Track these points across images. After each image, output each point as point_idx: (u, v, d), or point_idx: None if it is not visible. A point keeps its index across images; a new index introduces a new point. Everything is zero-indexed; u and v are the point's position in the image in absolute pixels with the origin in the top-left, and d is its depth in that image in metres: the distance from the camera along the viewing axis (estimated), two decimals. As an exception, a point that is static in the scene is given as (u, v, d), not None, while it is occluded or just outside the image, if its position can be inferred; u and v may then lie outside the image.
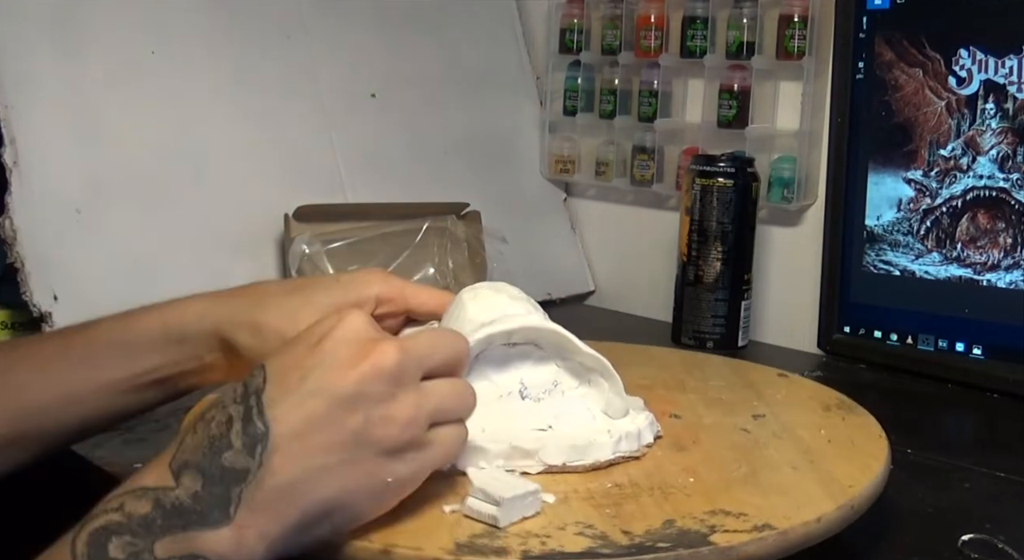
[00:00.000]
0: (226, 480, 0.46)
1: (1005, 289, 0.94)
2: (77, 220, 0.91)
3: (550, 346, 0.62)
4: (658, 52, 1.14)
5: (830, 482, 0.59)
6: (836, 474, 0.60)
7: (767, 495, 0.57)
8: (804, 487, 0.59)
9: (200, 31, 1.02)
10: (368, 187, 1.10)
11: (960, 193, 0.96)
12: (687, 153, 1.13)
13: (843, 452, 0.65)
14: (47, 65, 0.92)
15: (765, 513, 0.55)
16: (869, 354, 1.02)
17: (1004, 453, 0.79)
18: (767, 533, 0.53)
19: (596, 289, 1.27)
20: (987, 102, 0.93)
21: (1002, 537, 0.61)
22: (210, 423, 0.48)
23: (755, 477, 0.61)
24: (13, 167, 0.87)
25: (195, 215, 0.98)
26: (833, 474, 0.60)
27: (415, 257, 1.06)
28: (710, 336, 1.02)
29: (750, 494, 0.58)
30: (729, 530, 0.53)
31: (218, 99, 1.02)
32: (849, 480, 0.59)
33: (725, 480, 0.60)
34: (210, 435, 0.47)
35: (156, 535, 0.44)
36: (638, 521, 0.54)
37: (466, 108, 1.21)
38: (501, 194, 1.21)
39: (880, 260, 1.01)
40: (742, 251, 1.02)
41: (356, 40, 1.13)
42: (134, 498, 0.45)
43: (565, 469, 0.59)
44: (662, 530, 0.53)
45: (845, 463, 0.62)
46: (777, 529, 0.53)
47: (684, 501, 0.57)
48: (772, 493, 0.58)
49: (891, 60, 0.99)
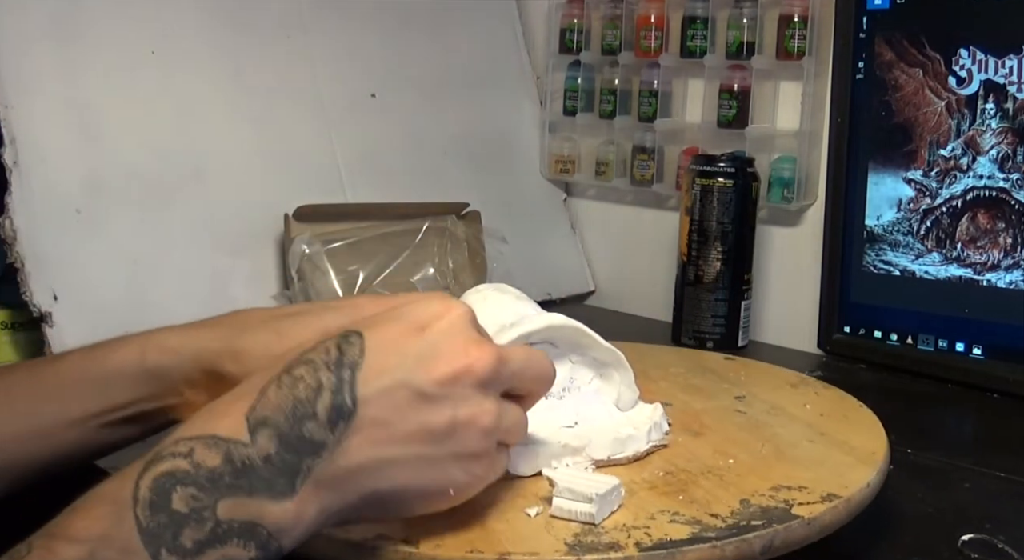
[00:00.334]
0: (301, 450, 0.45)
1: (1005, 289, 0.94)
2: (77, 220, 0.91)
3: (566, 343, 0.64)
4: (658, 52, 1.14)
5: (852, 450, 0.63)
6: (853, 443, 0.64)
7: (808, 468, 0.60)
8: (834, 457, 0.62)
9: (200, 31, 1.02)
10: (368, 187, 1.10)
11: (960, 193, 0.96)
12: (687, 153, 1.13)
13: (842, 422, 0.68)
14: (47, 65, 0.92)
15: (821, 484, 0.58)
16: (869, 354, 1.02)
17: (1004, 453, 0.79)
18: (836, 502, 0.55)
19: (596, 289, 1.27)
20: (987, 102, 0.93)
21: (1002, 537, 0.61)
22: (297, 383, 0.46)
23: (784, 453, 0.63)
24: (13, 167, 0.87)
25: (195, 215, 0.98)
26: (850, 443, 0.64)
27: (415, 257, 1.06)
28: (710, 336, 1.02)
29: (793, 469, 0.60)
30: (803, 503, 0.55)
31: (218, 99, 1.02)
32: (868, 446, 0.63)
33: (760, 458, 0.62)
34: (295, 396, 0.46)
35: (221, 493, 0.43)
36: (716, 504, 0.55)
37: (466, 108, 1.21)
38: (501, 194, 1.21)
39: (880, 260, 1.01)
40: (742, 251, 1.02)
41: (356, 40, 1.13)
42: (205, 446, 0.44)
43: (609, 462, 0.61)
44: (743, 509, 0.55)
45: (851, 432, 0.66)
46: (842, 497, 0.56)
47: (742, 481, 0.59)
48: (811, 466, 0.61)
49: (891, 60, 0.99)
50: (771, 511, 0.54)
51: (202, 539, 0.42)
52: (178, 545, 0.41)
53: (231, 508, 0.43)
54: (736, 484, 0.58)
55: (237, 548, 0.43)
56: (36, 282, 0.86)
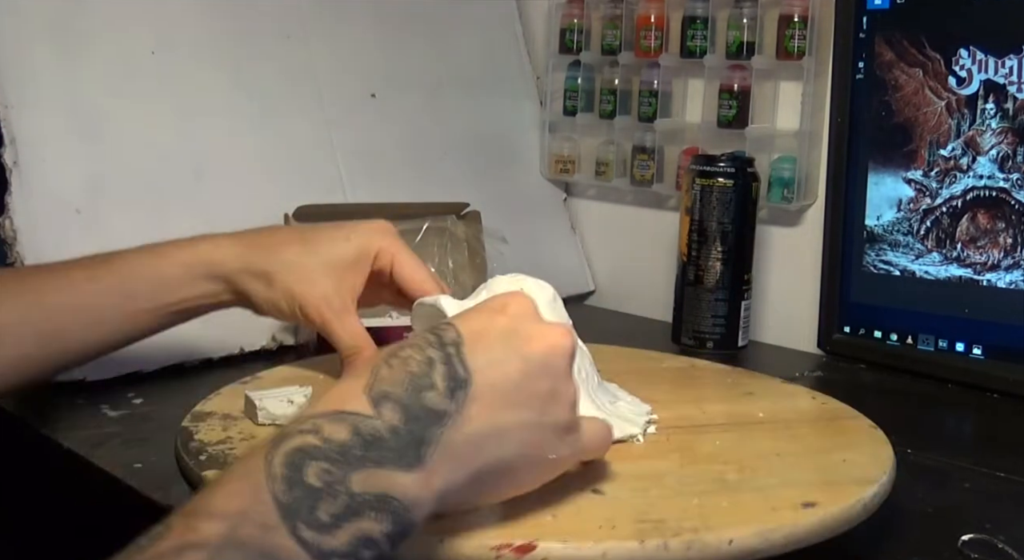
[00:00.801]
0: (425, 420, 0.46)
1: (1005, 289, 0.94)
2: (77, 220, 0.91)
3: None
4: (658, 52, 1.14)
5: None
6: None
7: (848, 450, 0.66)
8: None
9: (200, 31, 1.02)
10: (368, 187, 1.10)
11: (960, 193, 0.96)
12: (687, 153, 1.13)
13: (823, 423, 0.73)
14: (47, 65, 0.92)
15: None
16: (869, 354, 1.02)
17: (1004, 453, 0.79)
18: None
19: (596, 289, 1.27)
20: (987, 102, 0.93)
21: (1002, 537, 0.61)
22: (407, 361, 0.48)
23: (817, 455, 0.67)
24: (13, 167, 0.87)
25: (195, 215, 0.98)
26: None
27: (415, 257, 1.05)
28: (710, 336, 1.02)
29: (833, 465, 0.65)
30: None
31: (218, 99, 1.02)
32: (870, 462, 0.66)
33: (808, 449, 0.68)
34: (410, 372, 0.48)
35: (352, 466, 0.44)
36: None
37: (466, 108, 1.21)
38: (501, 194, 1.21)
39: (880, 260, 1.01)
40: (742, 251, 1.02)
41: (356, 40, 1.13)
42: (331, 422, 0.45)
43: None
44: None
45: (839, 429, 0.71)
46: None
47: (817, 467, 0.64)
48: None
49: (891, 60, 0.99)
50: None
51: (338, 513, 0.43)
52: (314, 518, 0.42)
53: (363, 481, 0.44)
54: (816, 463, 0.64)
55: (372, 521, 0.43)
56: (36, 282, 0.86)
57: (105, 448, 0.72)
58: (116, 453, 0.71)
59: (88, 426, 0.76)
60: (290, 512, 0.42)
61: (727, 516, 0.55)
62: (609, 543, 0.51)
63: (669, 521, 0.53)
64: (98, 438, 0.74)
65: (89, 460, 0.71)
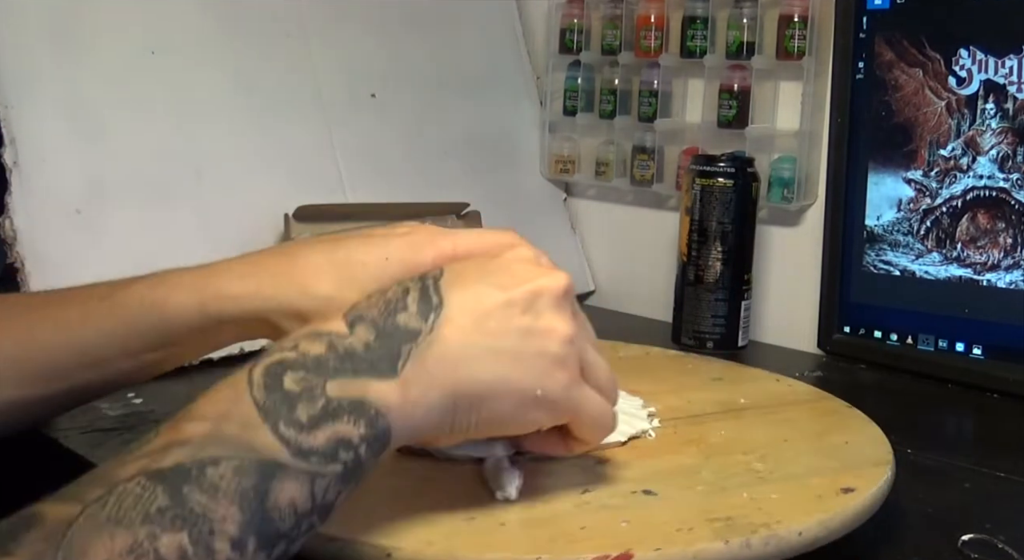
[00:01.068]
0: (397, 337, 0.49)
1: (1005, 289, 0.94)
2: (77, 220, 0.90)
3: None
4: (658, 52, 1.14)
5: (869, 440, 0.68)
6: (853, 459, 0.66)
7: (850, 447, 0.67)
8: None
9: (200, 31, 1.02)
10: (368, 187, 1.10)
11: (960, 193, 0.96)
12: (687, 153, 1.13)
13: (803, 405, 0.74)
14: (47, 65, 0.92)
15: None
16: (869, 354, 1.02)
17: (1004, 453, 0.79)
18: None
19: (596, 289, 1.27)
20: (987, 102, 0.93)
21: (1002, 537, 0.61)
22: (386, 292, 0.51)
23: (819, 439, 0.68)
24: (13, 167, 0.87)
25: (195, 215, 0.98)
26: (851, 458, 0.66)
27: (415, 257, 1.05)
28: (710, 336, 1.02)
29: (838, 447, 0.66)
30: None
31: (218, 99, 1.02)
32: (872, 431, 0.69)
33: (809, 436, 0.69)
34: (386, 299, 0.51)
35: (328, 375, 0.47)
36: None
37: (466, 108, 1.21)
38: (501, 194, 1.21)
39: (880, 260, 1.01)
40: (742, 251, 1.02)
41: (356, 40, 1.13)
42: (308, 340, 0.48)
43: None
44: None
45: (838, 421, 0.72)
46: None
47: (827, 451, 0.65)
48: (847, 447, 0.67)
49: (891, 60, 0.99)
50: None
51: (315, 414, 0.45)
52: (294, 418, 0.45)
53: (339, 387, 0.46)
54: (825, 454, 0.64)
55: (348, 424, 0.46)
56: (36, 282, 0.86)
57: (105, 448, 0.72)
58: (116, 453, 0.71)
59: (87, 426, 0.76)
60: (270, 413, 0.45)
61: (783, 508, 0.56)
62: (699, 546, 0.51)
63: (737, 518, 0.54)
64: (98, 438, 0.74)
65: (89, 460, 0.71)
